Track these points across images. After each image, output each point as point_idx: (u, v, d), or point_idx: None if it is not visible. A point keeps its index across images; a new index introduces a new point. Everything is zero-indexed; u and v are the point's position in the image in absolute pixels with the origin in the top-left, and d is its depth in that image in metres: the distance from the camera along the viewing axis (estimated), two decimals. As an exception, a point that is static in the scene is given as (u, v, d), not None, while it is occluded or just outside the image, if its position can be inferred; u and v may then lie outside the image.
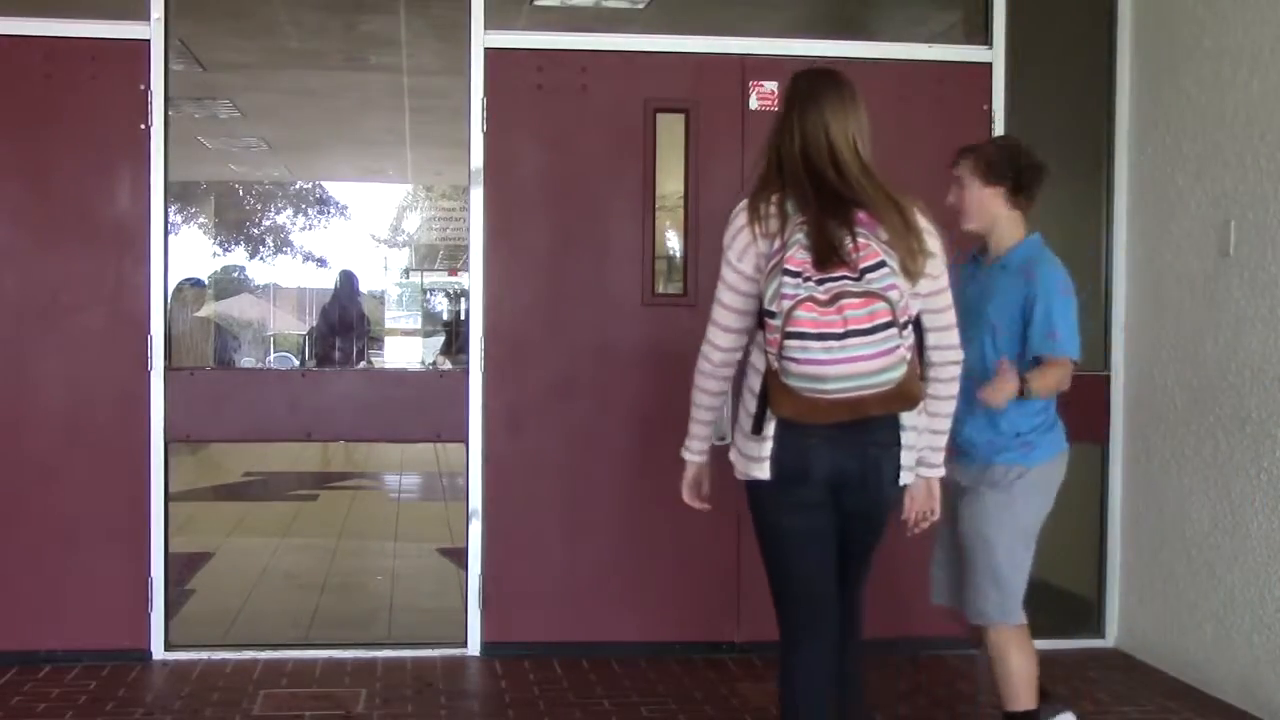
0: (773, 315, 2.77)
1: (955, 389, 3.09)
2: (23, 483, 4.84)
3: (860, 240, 2.76)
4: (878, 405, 2.83)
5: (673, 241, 5.26)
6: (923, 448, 3.04)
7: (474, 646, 5.03)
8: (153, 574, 4.88)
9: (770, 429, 2.91)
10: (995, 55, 5.15)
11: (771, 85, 4.98)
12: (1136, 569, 5.14)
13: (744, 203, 2.97)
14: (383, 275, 15.59)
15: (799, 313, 2.71)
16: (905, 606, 4.27)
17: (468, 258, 5.13)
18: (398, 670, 4.83)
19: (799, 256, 2.75)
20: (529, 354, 5.04)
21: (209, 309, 10.59)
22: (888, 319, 2.72)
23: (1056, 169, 5.51)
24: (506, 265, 5.03)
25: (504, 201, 5.02)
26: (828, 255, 2.74)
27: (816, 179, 2.90)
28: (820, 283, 2.72)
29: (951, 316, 3.05)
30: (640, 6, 5.57)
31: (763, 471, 2.95)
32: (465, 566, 5.06)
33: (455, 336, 12.27)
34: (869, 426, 2.88)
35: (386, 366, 11.75)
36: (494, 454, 5.01)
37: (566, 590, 5.06)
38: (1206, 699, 4.56)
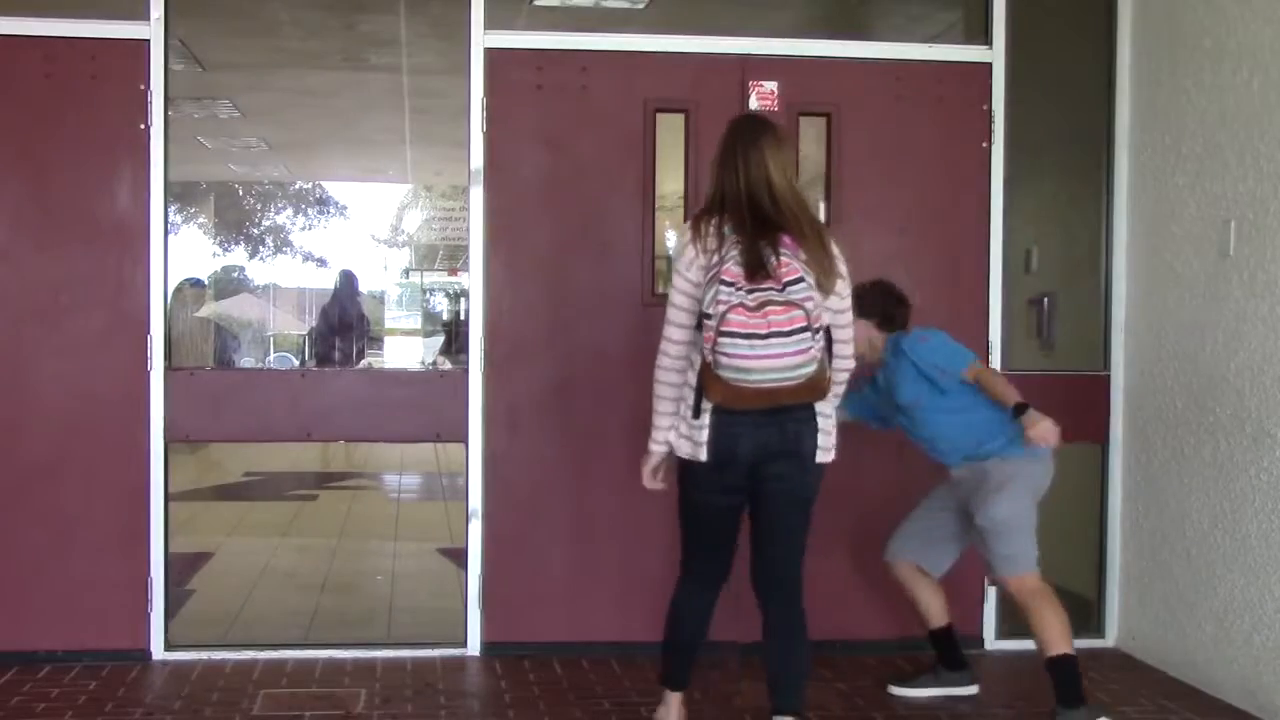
0: (709, 317, 3.36)
1: (844, 389, 3.74)
2: (23, 483, 4.84)
3: (783, 259, 3.36)
4: (790, 396, 3.42)
5: (673, 241, 5.26)
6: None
7: (474, 646, 5.03)
8: (153, 574, 4.88)
9: (706, 416, 3.51)
10: (995, 55, 5.14)
11: (771, 85, 4.98)
12: (1136, 569, 5.14)
13: (688, 223, 3.60)
14: (383, 275, 15.58)
15: (731, 315, 3.31)
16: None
17: (468, 258, 5.13)
18: (398, 670, 4.83)
19: (734, 270, 3.34)
20: (529, 354, 5.04)
21: (209, 309, 10.59)
22: (803, 324, 3.31)
23: (1057, 169, 5.55)
24: (506, 265, 5.03)
25: (504, 201, 5.02)
26: (757, 270, 3.34)
27: (754, 207, 3.47)
28: (750, 292, 3.32)
29: (850, 332, 3.65)
30: (640, 6, 5.57)
31: (703, 454, 3.54)
32: (465, 566, 5.06)
33: (455, 336, 12.27)
34: (788, 411, 3.48)
35: (386, 366, 11.75)
36: (494, 454, 5.01)
37: (566, 590, 5.06)
38: (1206, 699, 4.56)
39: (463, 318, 8.36)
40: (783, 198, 3.48)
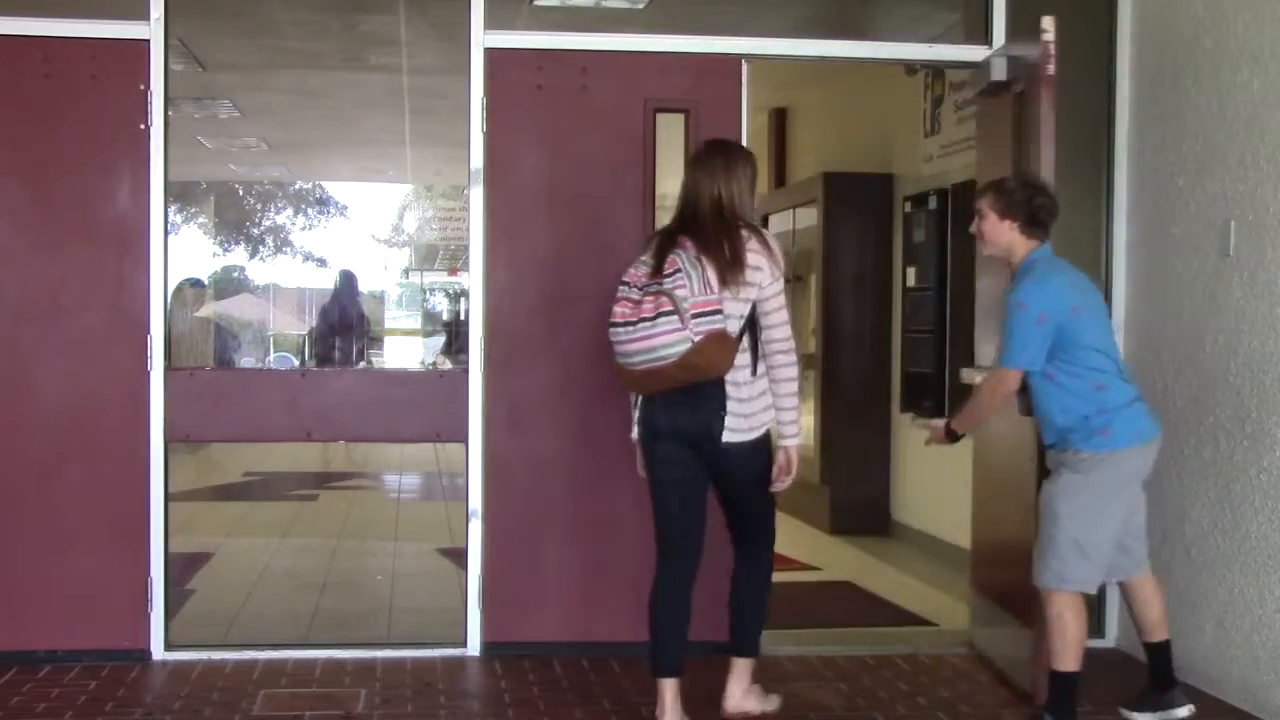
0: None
1: (790, 373, 4.04)
2: (23, 483, 4.84)
3: (670, 258, 3.88)
4: (672, 377, 3.85)
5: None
6: (770, 420, 4.02)
7: (474, 646, 5.03)
8: (152, 574, 4.88)
9: (638, 402, 4.06)
10: (995, 55, 5.14)
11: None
12: (1136, 569, 5.13)
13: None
14: (383, 275, 15.57)
15: (615, 308, 3.92)
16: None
17: (468, 258, 5.13)
18: (398, 670, 4.83)
19: (636, 271, 3.95)
20: (529, 354, 5.04)
21: (209, 309, 10.59)
22: (669, 309, 3.79)
23: (1057, 169, 5.54)
24: (506, 265, 5.03)
25: (504, 201, 5.02)
26: (656, 269, 3.89)
27: (679, 219, 4.02)
28: (643, 289, 3.88)
29: (781, 316, 3.98)
30: (640, 6, 5.57)
31: (634, 432, 4.12)
32: (465, 566, 5.06)
33: (455, 336, 12.27)
34: (697, 396, 3.90)
35: (386, 366, 11.74)
36: (494, 454, 5.01)
37: (566, 590, 5.06)
38: (1206, 699, 4.56)
39: (463, 318, 8.37)
40: (703, 212, 3.96)
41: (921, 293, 7.20)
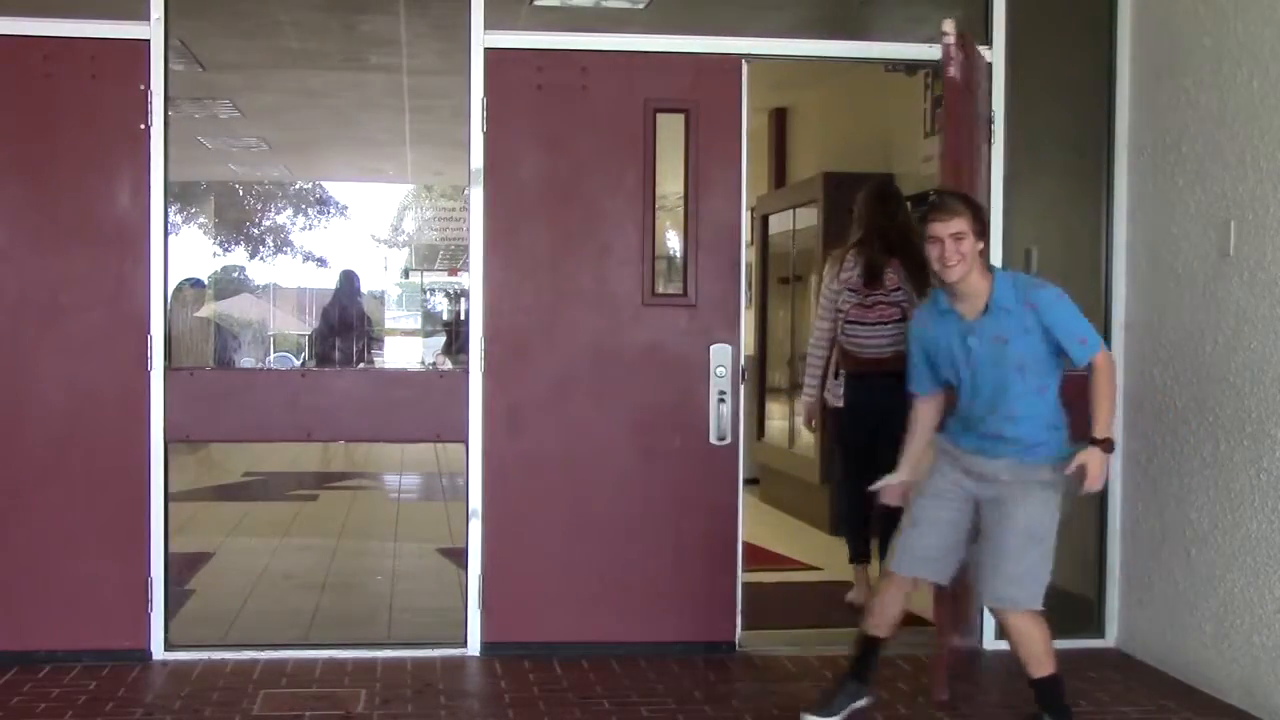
0: (841, 312, 5.64)
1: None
2: (23, 483, 4.84)
3: (890, 275, 5.52)
4: (886, 363, 5.33)
5: (673, 241, 5.26)
6: None
7: (474, 646, 5.03)
8: (153, 574, 4.88)
9: (840, 378, 5.73)
10: (995, 55, 5.14)
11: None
12: (1136, 569, 5.13)
13: (836, 253, 5.83)
14: (383, 275, 15.55)
15: (845, 307, 5.60)
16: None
17: (468, 258, 5.13)
18: (398, 670, 4.83)
19: (849, 278, 5.58)
20: (529, 354, 5.04)
21: (209, 309, 10.58)
22: (899, 317, 5.42)
23: (1057, 169, 5.55)
24: (506, 265, 5.03)
25: (504, 201, 5.02)
26: (872, 280, 5.55)
27: (887, 243, 5.60)
28: (867, 296, 5.55)
29: None
30: (640, 6, 5.56)
31: (839, 401, 5.71)
32: (465, 566, 5.06)
33: (455, 336, 12.25)
34: (893, 378, 4.69)
35: (386, 366, 11.74)
36: (494, 454, 5.01)
37: (566, 590, 5.06)
38: (1206, 699, 4.56)
39: (463, 318, 8.36)
40: (911, 240, 5.10)
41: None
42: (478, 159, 4.99)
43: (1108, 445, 3.84)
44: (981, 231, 3.88)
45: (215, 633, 5.26)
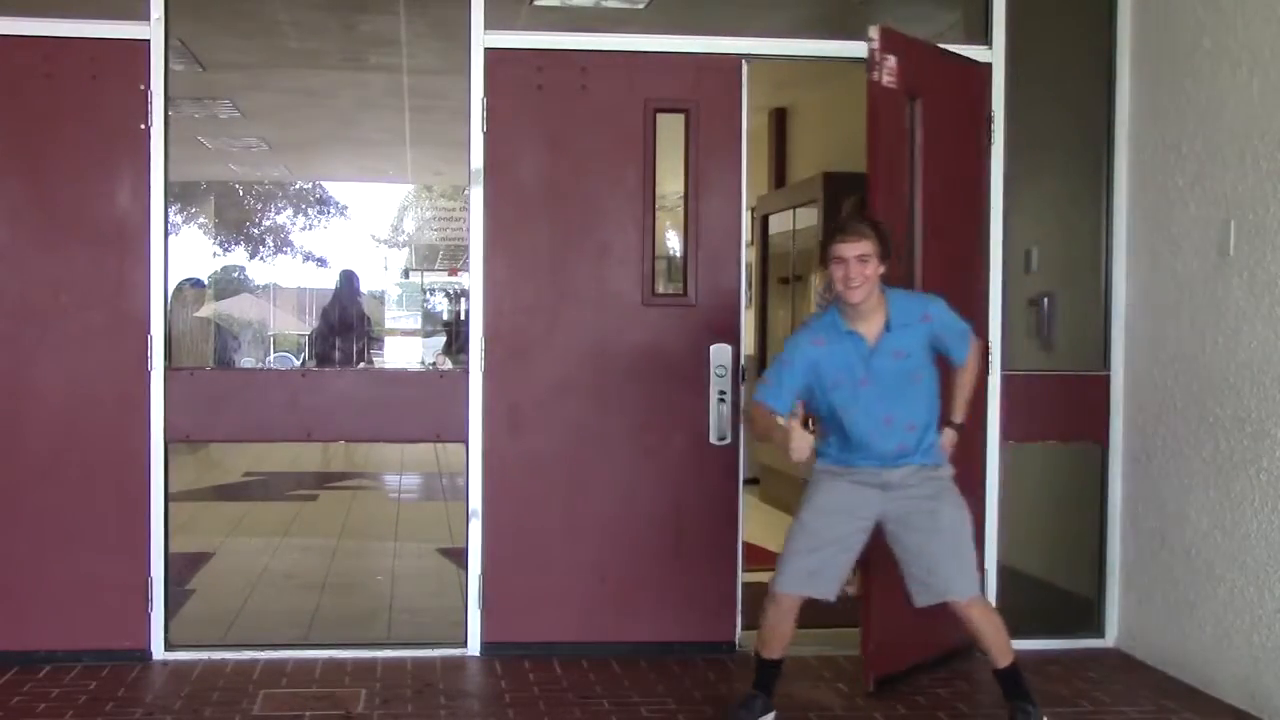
0: None
1: None
2: (22, 483, 4.84)
3: None
4: None
5: (673, 241, 5.27)
6: None
7: (474, 646, 5.03)
8: (153, 574, 4.88)
9: None
10: (995, 55, 5.14)
11: (892, 60, 4.63)
12: (1136, 569, 5.13)
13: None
14: (383, 275, 15.55)
15: None
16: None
17: (468, 258, 5.13)
18: (398, 670, 4.83)
19: None
20: (529, 354, 5.04)
21: (209, 309, 10.57)
22: None
23: (1057, 169, 5.55)
24: (506, 265, 5.03)
25: (504, 201, 5.02)
26: None
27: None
28: None
29: None
30: (640, 6, 5.57)
31: None
32: (465, 566, 5.06)
33: (455, 336, 12.24)
34: None
35: (386, 367, 11.74)
36: (494, 454, 5.01)
37: (566, 590, 5.06)
38: (1206, 699, 4.56)
39: (463, 318, 8.36)
40: None
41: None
42: (478, 159, 4.99)
43: (962, 428, 4.22)
44: (885, 255, 3.97)
45: (215, 633, 5.26)
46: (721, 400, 5.04)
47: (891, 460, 4.01)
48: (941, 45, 5.01)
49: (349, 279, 10.19)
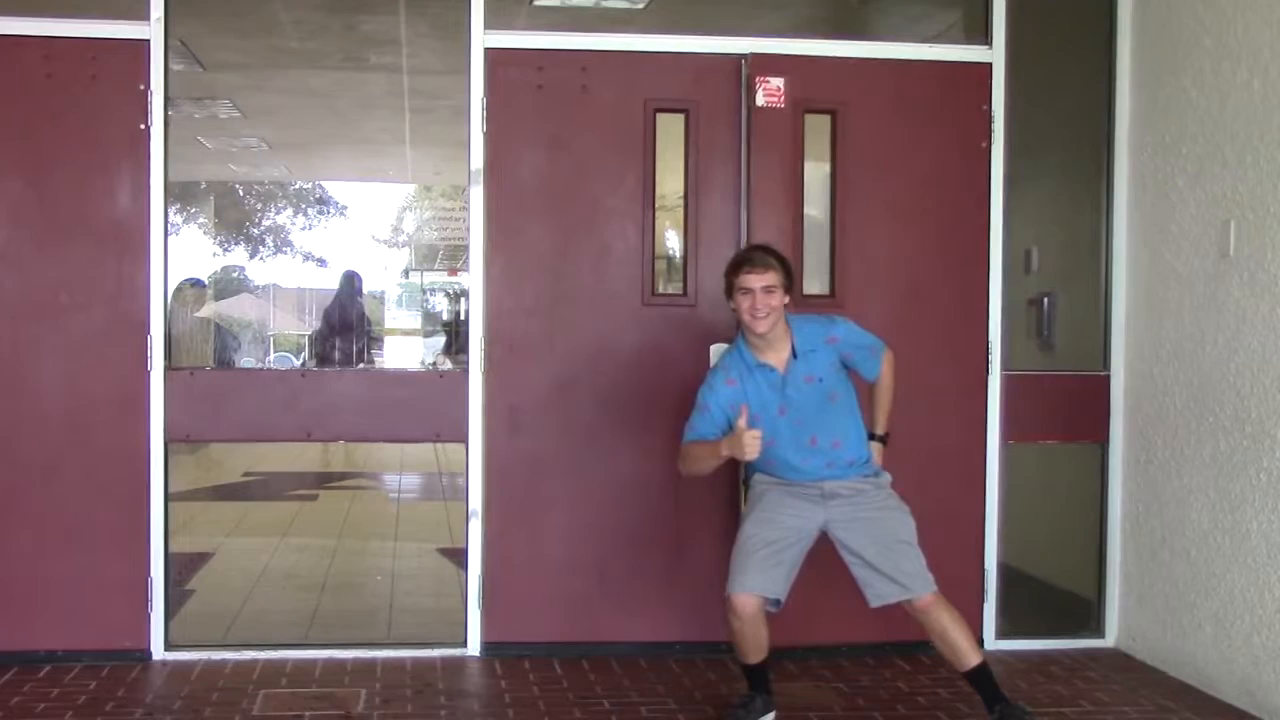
0: None
1: None
2: (22, 483, 4.84)
3: None
4: None
5: (673, 241, 5.26)
6: None
7: (474, 646, 5.03)
8: (153, 574, 4.88)
9: None
10: (995, 55, 5.14)
11: (778, 82, 4.95)
12: (1136, 569, 5.14)
13: None
14: (383, 275, 15.54)
15: None
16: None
17: (468, 258, 5.13)
18: (398, 670, 4.83)
19: None
20: (529, 354, 5.04)
21: (209, 309, 10.57)
22: None
23: (1057, 169, 5.55)
24: (506, 265, 5.03)
25: (504, 201, 5.02)
26: None
27: None
28: None
29: None
30: (640, 6, 5.57)
31: None
32: (465, 566, 5.06)
33: (455, 336, 12.24)
34: None
35: (386, 367, 11.74)
36: (494, 454, 5.01)
37: (566, 590, 5.06)
38: (1206, 699, 4.56)
39: (463, 318, 8.36)
40: None
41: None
42: (478, 159, 4.99)
43: (886, 439, 4.29)
44: (789, 287, 4.05)
45: (215, 633, 5.26)
46: (721, 400, 5.03)
47: (825, 475, 4.08)
48: (929, 45, 5.07)
49: (350, 279, 10.19)
